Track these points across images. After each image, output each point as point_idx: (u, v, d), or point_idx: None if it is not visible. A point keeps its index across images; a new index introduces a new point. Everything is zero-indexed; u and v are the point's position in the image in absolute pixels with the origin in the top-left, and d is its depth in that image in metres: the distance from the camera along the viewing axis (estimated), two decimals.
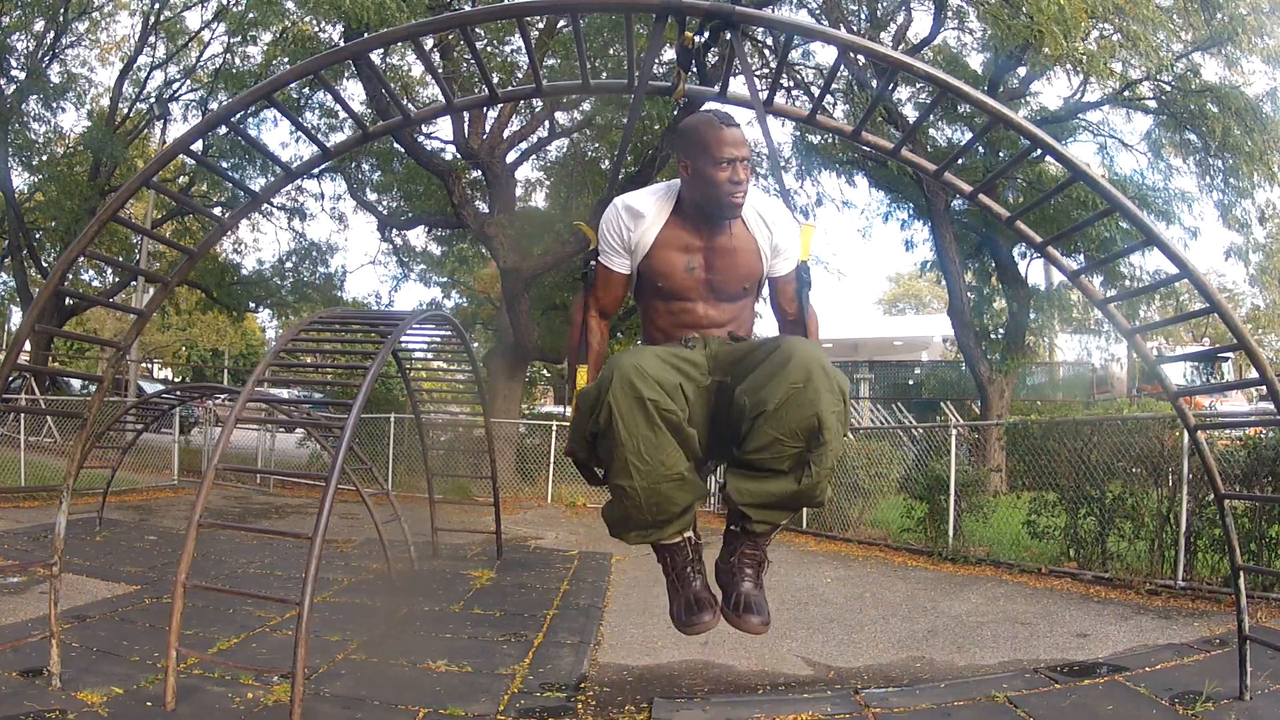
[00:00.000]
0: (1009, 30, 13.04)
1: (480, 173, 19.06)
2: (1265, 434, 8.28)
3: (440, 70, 13.64)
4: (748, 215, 3.13)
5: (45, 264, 24.03)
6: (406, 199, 23.26)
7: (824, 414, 2.69)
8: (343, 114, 19.39)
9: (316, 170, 20.36)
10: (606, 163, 20.07)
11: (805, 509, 12.56)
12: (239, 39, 20.66)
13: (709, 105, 3.67)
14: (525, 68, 16.55)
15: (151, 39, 23.51)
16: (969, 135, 15.52)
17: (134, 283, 23.66)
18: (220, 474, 5.70)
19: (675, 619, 3.08)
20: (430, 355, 11.76)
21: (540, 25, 16.63)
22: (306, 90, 18.74)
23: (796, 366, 2.69)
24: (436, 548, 10.25)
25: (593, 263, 3.29)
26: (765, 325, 3.43)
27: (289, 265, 26.49)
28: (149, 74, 24.38)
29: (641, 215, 3.14)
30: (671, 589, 3.11)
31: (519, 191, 21.98)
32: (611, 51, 16.48)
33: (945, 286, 19.65)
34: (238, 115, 4.50)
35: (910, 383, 32.60)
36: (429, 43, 15.06)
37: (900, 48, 16.89)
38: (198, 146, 6.10)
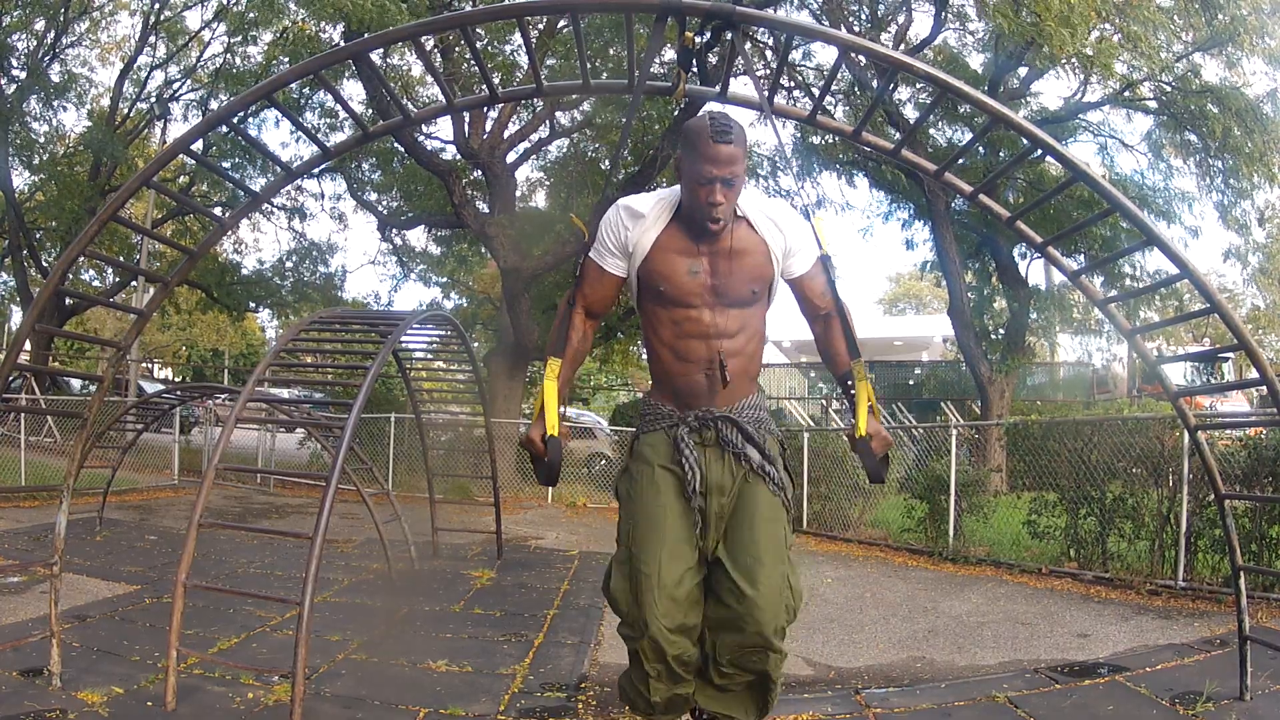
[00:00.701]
0: (1014, 28, 13.04)
1: (480, 173, 19.05)
2: (1265, 434, 8.28)
3: (441, 70, 13.67)
4: (755, 218, 3.12)
5: (46, 264, 24.05)
6: (406, 199, 23.25)
7: (772, 671, 3.17)
8: (343, 114, 19.41)
9: (317, 170, 20.35)
10: (607, 163, 20.08)
11: (805, 508, 12.65)
12: (239, 39, 20.65)
13: (712, 106, 3.67)
14: (525, 67, 16.55)
15: (152, 39, 23.53)
16: (969, 135, 15.53)
17: (134, 282, 23.70)
18: (220, 474, 5.70)
19: None
20: (430, 355, 11.76)
21: (541, 25, 16.63)
22: (307, 90, 18.76)
23: (755, 633, 3.07)
24: (437, 547, 10.25)
25: (584, 259, 3.32)
26: (778, 327, 3.39)
27: (289, 265, 26.49)
28: (149, 74, 24.42)
29: (641, 216, 3.12)
30: None
31: (519, 191, 21.98)
32: (612, 52, 16.50)
33: (945, 287, 19.66)
34: (238, 115, 4.51)
35: (910, 383, 32.60)
36: (429, 43, 15.10)
37: (901, 48, 16.91)
38: (198, 146, 6.11)
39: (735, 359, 3.17)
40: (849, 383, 3.29)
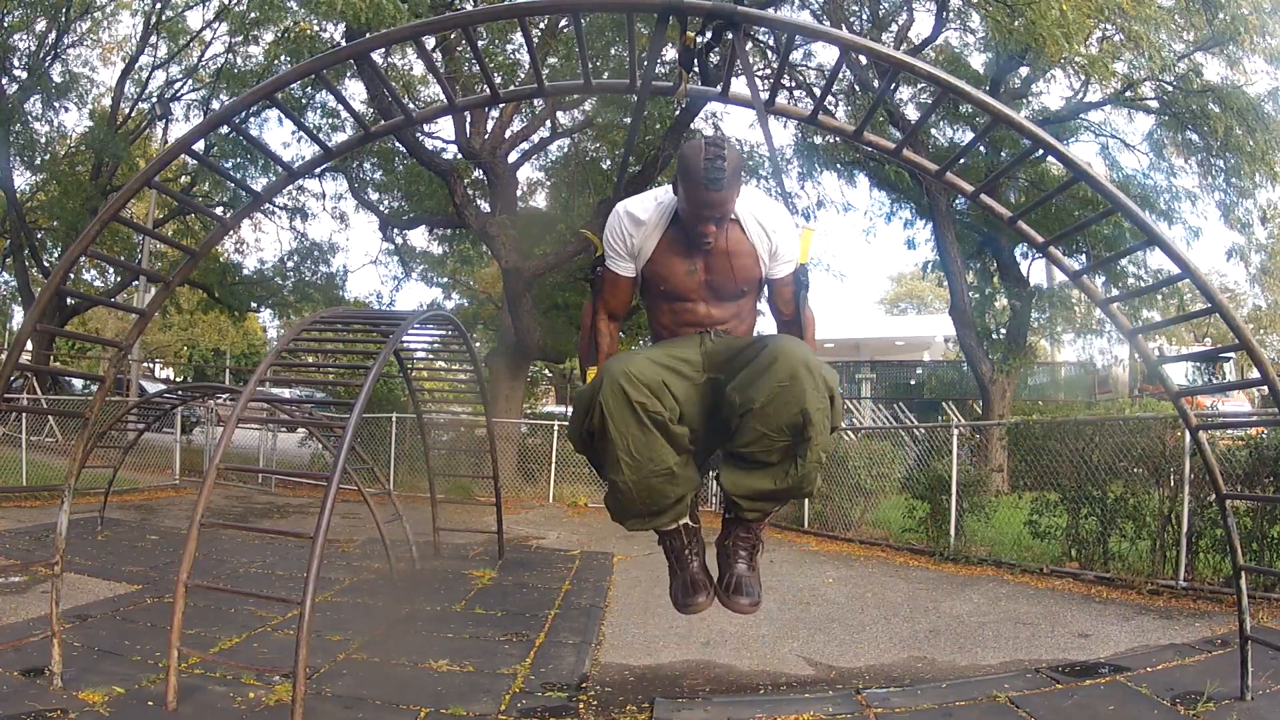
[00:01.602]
0: (1009, 35, 13.05)
1: (482, 172, 19.05)
2: (1266, 434, 8.28)
3: (442, 70, 13.65)
4: (746, 221, 3.20)
5: (47, 264, 24.06)
6: (408, 199, 23.25)
7: (809, 410, 2.82)
8: (344, 114, 19.43)
9: (318, 170, 20.36)
10: (608, 163, 20.07)
11: (806, 508, 12.65)
12: (241, 39, 20.65)
13: (713, 107, 3.67)
14: (527, 67, 16.54)
15: (153, 39, 23.50)
16: (971, 135, 15.52)
17: (136, 282, 23.67)
18: (222, 474, 5.69)
19: (673, 598, 3.29)
20: (432, 355, 11.76)
21: (542, 25, 16.62)
22: (309, 90, 18.75)
23: (782, 365, 2.82)
24: (438, 547, 10.25)
25: (599, 269, 3.37)
26: (766, 323, 3.44)
27: (290, 265, 26.49)
28: (151, 74, 24.40)
29: (642, 222, 3.22)
30: (671, 571, 3.31)
31: (520, 191, 21.98)
32: (613, 52, 16.49)
33: (947, 286, 19.64)
34: (239, 115, 4.50)
35: (912, 383, 32.60)
36: (431, 43, 15.08)
37: (902, 48, 16.88)
38: (199, 146, 6.10)
39: (723, 326, 3.27)
40: None
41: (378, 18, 11.56)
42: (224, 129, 4.76)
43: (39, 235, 24.77)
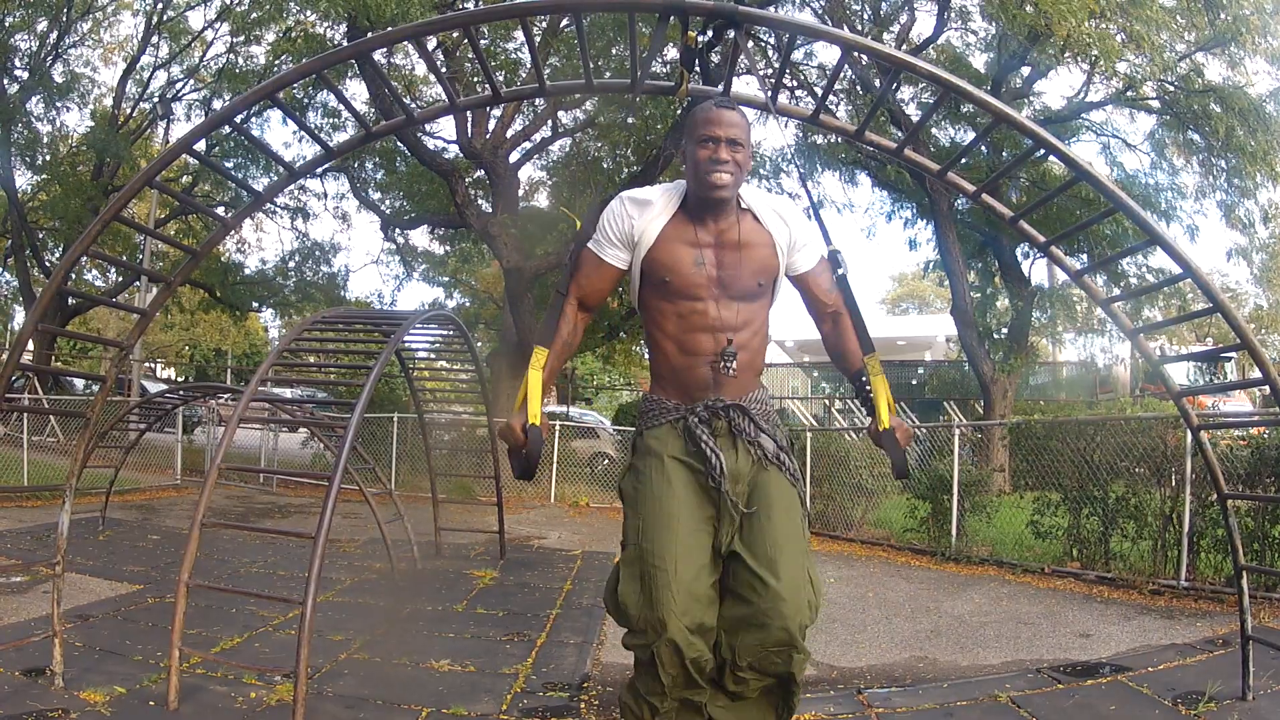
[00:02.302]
0: (1015, 20, 13.04)
1: (483, 172, 19.06)
2: (1268, 433, 8.28)
3: (443, 70, 13.66)
4: (761, 211, 3.09)
5: (48, 263, 24.08)
6: (409, 198, 23.27)
7: (795, 672, 3.02)
8: (346, 113, 19.45)
9: (319, 170, 20.40)
10: (609, 162, 20.08)
11: (807, 508, 12.66)
12: (242, 38, 20.67)
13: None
14: (528, 66, 16.56)
15: (154, 38, 23.55)
16: (972, 135, 15.52)
17: (137, 282, 23.69)
18: (223, 473, 5.69)
19: None
20: (433, 355, 11.76)
21: (543, 24, 16.63)
22: (310, 90, 18.78)
23: (775, 631, 2.93)
24: (439, 547, 10.25)
25: (578, 249, 3.26)
26: (780, 326, 3.38)
27: (292, 265, 26.53)
28: (152, 73, 24.46)
29: (648, 203, 3.09)
30: None
31: (522, 191, 21.98)
32: (615, 51, 16.50)
33: (949, 286, 19.64)
34: (241, 115, 4.50)
35: (914, 382, 32.62)
36: (432, 42, 15.10)
37: (903, 47, 16.90)
38: (201, 146, 6.11)
39: (741, 352, 3.11)
40: (863, 379, 3.24)
41: (374, 14, 11.55)
42: (225, 129, 4.77)
43: (40, 235, 24.81)
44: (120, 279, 26.05)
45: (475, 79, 16.22)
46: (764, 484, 3.11)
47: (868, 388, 3.21)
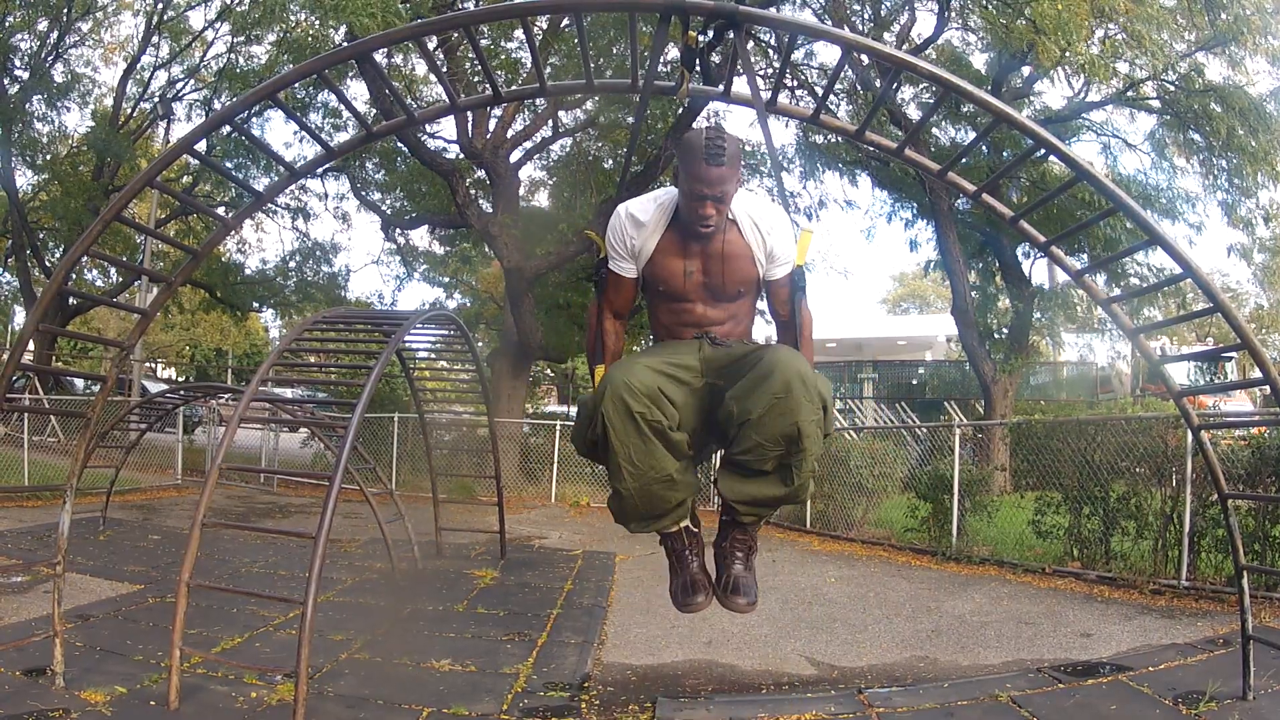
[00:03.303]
0: (1008, 34, 13.05)
1: (484, 172, 19.06)
2: (1269, 433, 8.27)
3: (444, 70, 13.67)
4: (743, 223, 3.26)
5: (49, 263, 24.07)
6: (410, 198, 23.27)
7: (803, 423, 2.93)
8: (346, 114, 19.42)
9: (320, 170, 20.37)
10: (610, 162, 20.07)
11: (808, 508, 12.65)
12: (243, 39, 20.67)
13: (716, 106, 3.67)
14: (529, 66, 16.54)
15: (155, 39, 23.52)
16: (972, 135, 15.52)
17: (138, 282, 23.69)
18: (224, 473, 5.69)
19: (673, 597, 3.37)
20: (434, 355, 11.76)
21: (544, 24, 16.62)
22: (310, 90, 18.76)
23: (778, 379, 2.91)
24: (440, 547, 10.26)
25: (604, 270, 3.43)
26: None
27: (293, 265, 26.52)
28: (152, 73, 24.43)
29: (643, 224, 3.28)
30: (671, 570, 3.39)
31: (522, 191, 21.98)
32: (616, 51, 16.48)
33: (949, 286, 19.63)
34: (241, 115, 4.50)
35: (914, 382, 32.58)
36: (432, 42, 15.09)
37: (904, 47, 16.88)
38: (201, 146, 6.10)
39: (719, 328, 3.33)
40: None
41: (384, 19, 11.55)
42: (226, 129, 4.76)
43: (41, 235, 24.80)
44: (121, 279, 26.04)
45: (476, 79, 16.20)
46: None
47: None
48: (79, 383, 24.43)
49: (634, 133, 4.58)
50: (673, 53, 5.89)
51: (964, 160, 7.67)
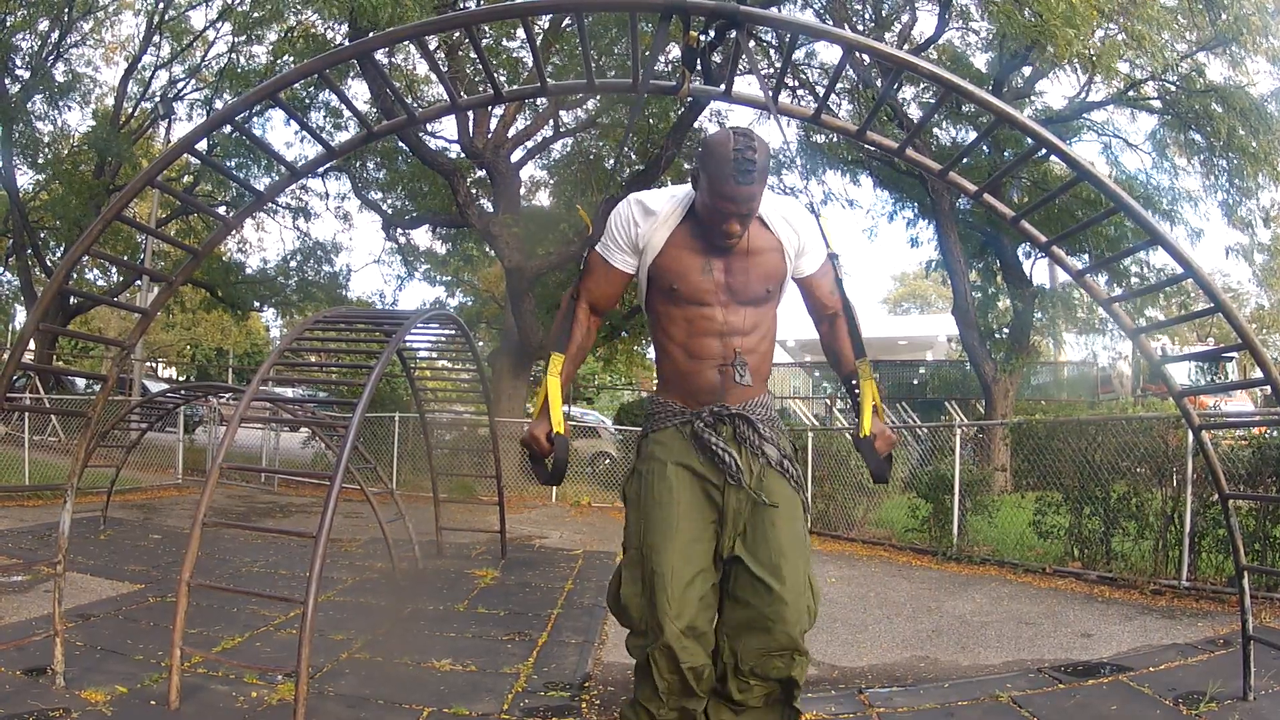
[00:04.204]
0: (1016, 28, 13.03)
1: (485, 172, 19.07)
2: (1270, 433, 8.27)
3: (445, 69, 13.68)
4: (769, 216, 3.08)
5: (50, 263, 24.08)
6: (411, 198, 23.29)
7: (797, 675, 3.04)
8: (347, 113, 19.44)
9: (321, 169, 20.40)
10: (611, 161, 20.08)
11: (810, 510, 12.64)
12: (244, 38, 20.68)
13: (717, 103, 3.66)
14: (530, 65, 16.55)
15: (156, 38, 23.55)
16: (974, 134, 15.53)
17: (138, 282, 23.73)
18: (225, 473, 5.69)
19: None
20: (435, 354, 11.76)
21: (545, 24, 16.62)
22: (311, 89, 18.78)
23: (782, 635, 2.94)
24: (441, 547, 10.25)
25: (587, 251, 3.31)
26: (782, 326, 3.36)
27: (293, 264, 26.53)
28: (153, 73, 24.47)
29: (653, 213, 3.08)
30: None
31: (523, 190, 21.99)
32: (617, 50, 16.49)
33: (950, 286, 19.64)
34: (242, 114, 4.50)
35: (915, 382, 32.60)
36: (433, 42, 15.10)
37: (905, 47, 16.89)
38: (202, 146, 6.10)
39: (750, 357, 3.13)
40: (854, 382, 3.27)
41: (396, 12, 11.53)
42: (227, 128, 4.76)
43: (42, 234, 24.81)
44: (121, 278, 26.08)
45: (477, 78, 16.22)
46: (768, 489, 3.11)
47: (856, 391, 3.25)
48: (80, 382, 24.43)
49: (627, 132, 4.58)
50: (674, 52, 5.89)
51: (965, 160, 7.68)
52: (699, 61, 3.64)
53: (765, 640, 2.93)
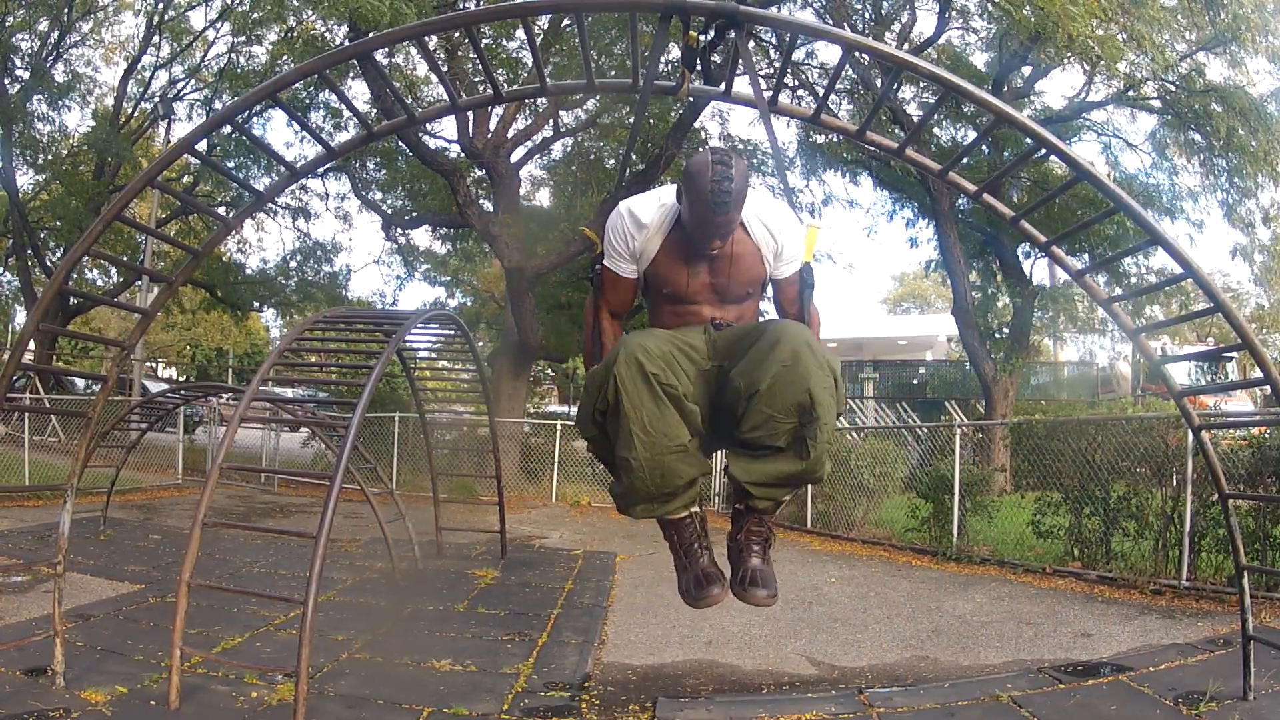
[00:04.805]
0: (1019, 22, 13.02)
1: (484, 172, 19.06)
2: (1270, 433, 8.27)
3: (445, 70, 13.69)
4: (750, 221, 3.15)
5: (50, 263, 24.07)
6: (411, 198, 23.29)
7: (815, 390, 2.80)
8: (347, 113, 19.41)
9: (321, 169, 20.38)
10: (611, 161, 20.07)
11: (809, 508, 12.64)
12: (244, 38, 20.67)
13: (717, 103, 3.66)
14: (530, 65, 16.54)
15: (156, 38, 23.53)
16: (973, 134, 15.52)
17: (138, 282, 23.71)
18: (225, 473, 5.69)
19: (684, 594, 3.18)
20: (435, 354, 11.77)
21: (544, 24, 16.62)
22: (311, 90, 18.76)
23: (785, 346, 2.82)
24: (441, 547, 10.26)
25: (598, 266, 3.34)
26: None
27: (293, 264, 26.52)
28: (153, 73, 24.45)
29: (644, 225, 3.16)
30: (679, 565, 3.21)
31: (523, 190, 21.99)
32: (617, 50, 16.49)
33: (950, 286, 19.64)
34: (242, 115, 4.50)
35: (915, 382, 32.55)
36: (433, 42, 15.10)
37: (904, 47, 16.88)
38: (202, 146, 6.10)
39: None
40: None
41: (394, 18, 11.54)
42: (226, 128, 4.77)
43: (41, 235, 24.79)
44: (121, 279, 26.05)
45: (477, 78, 16.22)
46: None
47: None
48: (79, 382, 24.42)
49: (632, 134, 4.57)
50: (674, 52, 5.88)
51: (965, 160, 7.68)
52: (699, 61, 3.66)
53: (775, 353, 2.82)
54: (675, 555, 3.23)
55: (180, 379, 41.01)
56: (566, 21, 16.53)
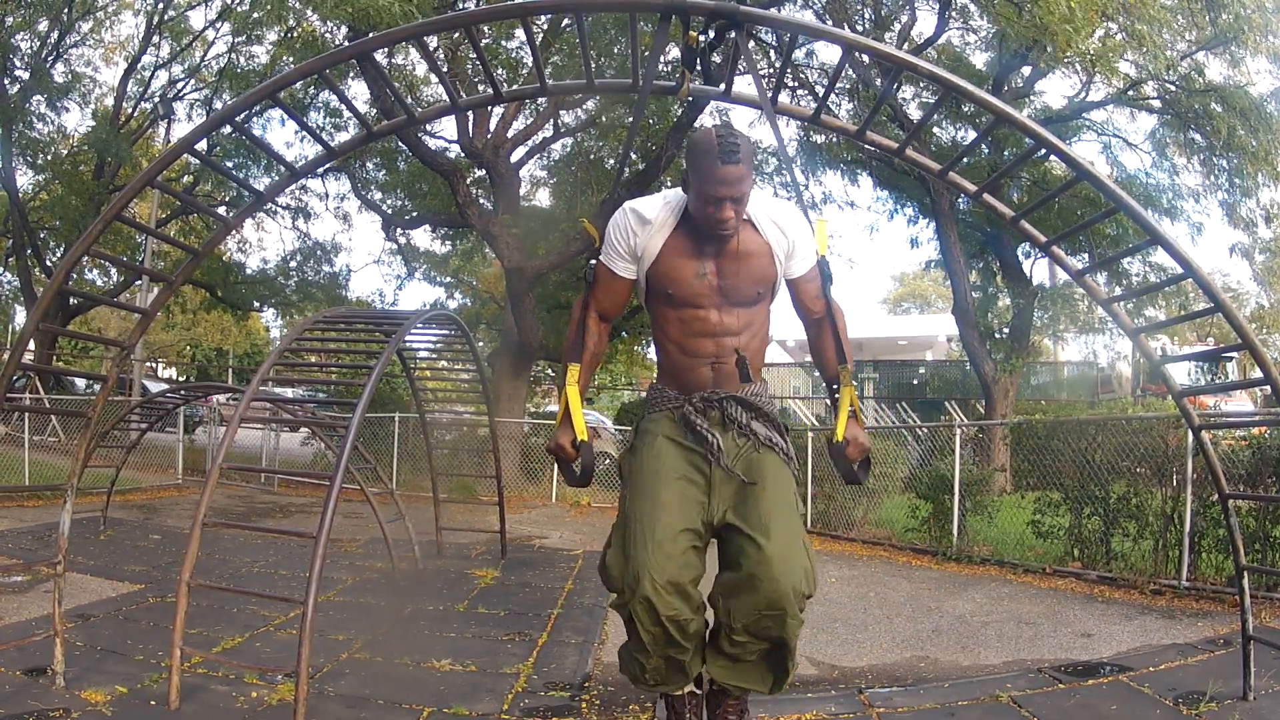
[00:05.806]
0: (1018, 29, 13.02)
1: (484, 172, 19.05)
2: (1270, 433, 8.27)
3: (445, 70, 13.67)
4: (759, 219, 3.14)
5: (49, 263, 24.08)
6: (411, 198, 23.29)
7: (789, 639, 3.03)
8: (347, 113, 19.42)
9: (321, 169, 20.38)
10: (611, 161, 20.06)
11: (809, 508, 12.64)
12: (243, 38, 20.68)
13: (716, 103, 3.67)
14: (530, 65, 16.53)
15: (155, 38, 23.53)
16: (973, 134, 15.52)
17: (138, 282, 23.71)
18: (225, 473, 5.69)
19: None
20: (435, 355, 11.76)
21: (544, 24, 16.62)
22: (311, 90, 18.77)
23: (766, 592, 2.95)
24: (441, 547, 10.25)
25: (593, 261, 3.34)
26: (782, 326, 3.42)
27: (293, 264, 26.53)
28: (153, 73, 24.45)
29: (649, 222, 3.15)
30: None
31: (523, 190, 21.98)
32: (616, 50, 16.48)
33: (950, 286, 19.64)
34: (242, 114, 4.51)
35: (915, 382, 32.59)
36: (433, 42, 15.09)
37: (904, 47, 16.88)
38: (202, 146, 6.11)
39: (739, 341, 3.23)
40: (834, 386, 3.35)
41: (403, 16, 11.53)
42: (226, 128, 4.76)
43: (41, 235, 24.80)
44: (121, 279, 26.05)
45: (476, 78, 16.22)
46: (757, 462, 3.19)
47: (836, 396, 3.32)
48: (79, 382, 24.43)
49: (631, 132, 4.57)
50: (674, 52, 5.89)
51: (965, 160, 7.69)
52: (699, 61, 3.66)
53: (755, 599, 2.96)
54: (667, 713, 3.44)
55: (180, 379, 41.02)
56: (566, 21, 16.53)
